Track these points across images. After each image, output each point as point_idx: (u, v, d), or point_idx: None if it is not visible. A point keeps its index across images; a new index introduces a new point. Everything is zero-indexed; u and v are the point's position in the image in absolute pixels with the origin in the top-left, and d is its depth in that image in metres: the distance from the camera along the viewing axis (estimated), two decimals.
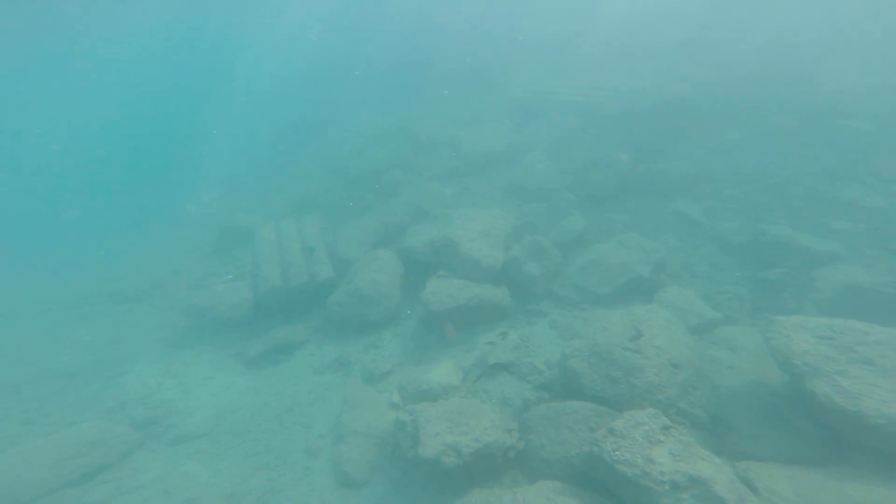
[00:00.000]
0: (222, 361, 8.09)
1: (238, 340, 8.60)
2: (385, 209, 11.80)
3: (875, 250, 7.02)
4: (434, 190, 12.33)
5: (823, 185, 8.90)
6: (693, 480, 3.65)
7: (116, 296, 11.32)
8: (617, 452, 3.92)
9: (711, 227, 8.59)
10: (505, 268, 7.97)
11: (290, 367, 7.70)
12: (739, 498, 3.56)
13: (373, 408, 6.37)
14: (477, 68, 20.10)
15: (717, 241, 8.21)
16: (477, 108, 16.72)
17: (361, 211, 12.26)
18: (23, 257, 15.69)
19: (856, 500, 3.67)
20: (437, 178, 13.23)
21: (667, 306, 6.48)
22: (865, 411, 3.84)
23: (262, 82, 31.03)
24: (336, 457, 5.66)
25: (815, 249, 7.07)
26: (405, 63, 22.45)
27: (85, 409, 7.21)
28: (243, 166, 19.63)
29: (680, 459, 3.80)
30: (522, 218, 9.54)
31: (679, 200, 9.46)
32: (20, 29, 22.89)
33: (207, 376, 7.71)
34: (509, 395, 6.06)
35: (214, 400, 7.09)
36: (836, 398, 3.99)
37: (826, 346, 4.46)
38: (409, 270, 8.88)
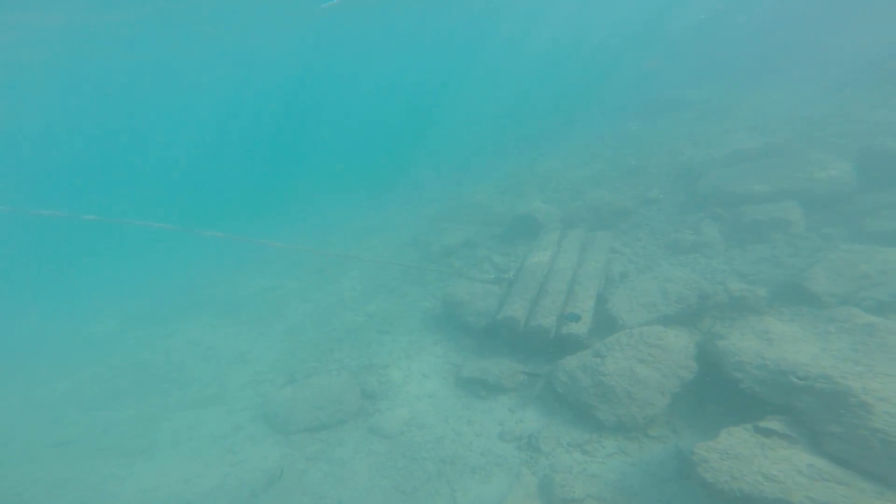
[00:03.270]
0: (443, 365, 8.55)
1: (467, 348, 8.82)
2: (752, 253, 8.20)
3: None
4: None
5: None
6: None
7: (427, 256, 13.73)
8: None
9: None
10: None
11: (484, 410, 7.28)
12: None
13: None
14: None
15: None
16: None
17: (690, 249, 9.44)
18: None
19: None
20: None
21: None
22: None
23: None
24: None
25: None
26: None
27: (356, 356, 9.36)
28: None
29: None
30: None
31: None
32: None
33: (425, 374, 8.38)
34: None
35: (416, 404, 7.66)
36: None
37: None
38: (709, 382, 6.04)
